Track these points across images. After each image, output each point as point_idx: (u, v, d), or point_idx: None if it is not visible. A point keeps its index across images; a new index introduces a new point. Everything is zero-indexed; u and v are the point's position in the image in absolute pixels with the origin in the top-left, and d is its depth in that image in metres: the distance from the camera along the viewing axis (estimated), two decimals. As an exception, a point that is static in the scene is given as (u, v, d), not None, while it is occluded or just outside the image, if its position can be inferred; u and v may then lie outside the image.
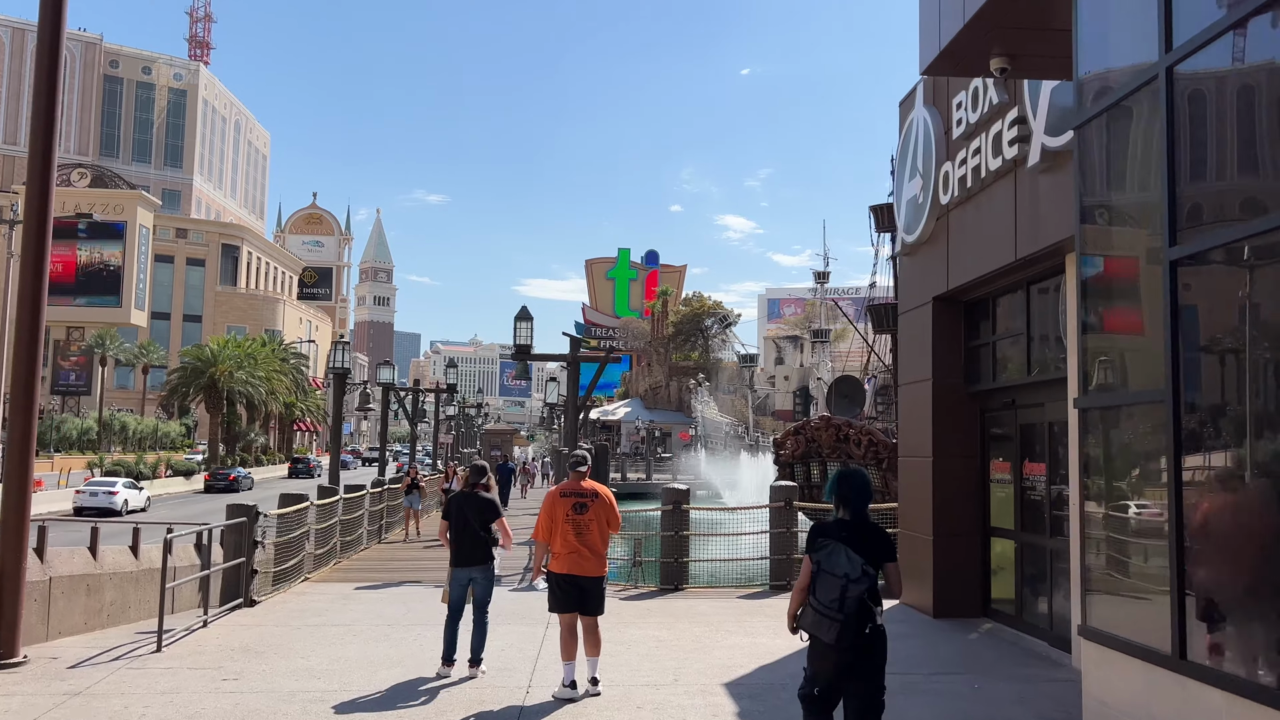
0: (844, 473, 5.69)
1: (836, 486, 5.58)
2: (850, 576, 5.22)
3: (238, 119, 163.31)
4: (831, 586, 5.22)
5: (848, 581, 5.21)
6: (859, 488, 5.55)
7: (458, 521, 9.09)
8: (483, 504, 9.10)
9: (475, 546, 9.00)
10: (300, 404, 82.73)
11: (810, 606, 5.30)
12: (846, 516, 5.51)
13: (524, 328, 17.98)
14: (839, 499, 5.55)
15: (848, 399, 40.87)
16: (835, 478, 5.65)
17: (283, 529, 14.17)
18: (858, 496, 5.52)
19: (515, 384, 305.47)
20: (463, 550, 9.06)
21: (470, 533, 8.98)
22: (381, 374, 25.56)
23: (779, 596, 13.81)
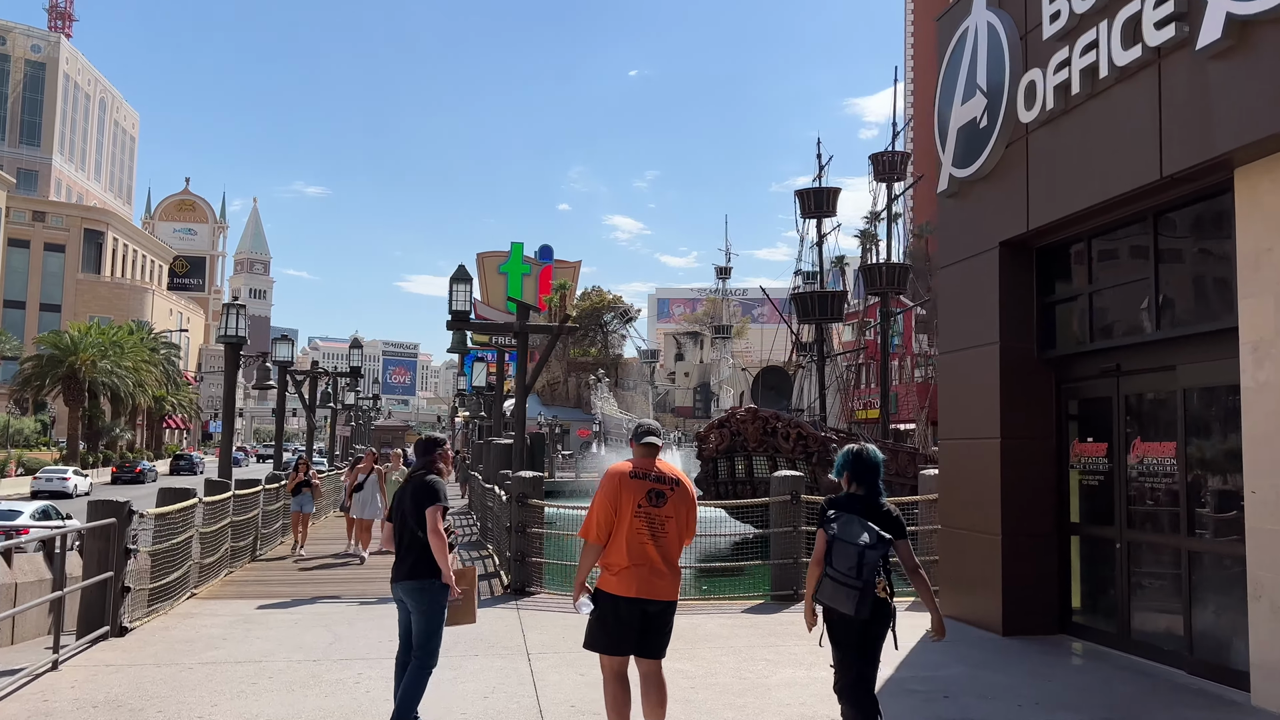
0: (855, 449, 5.66)
1: (849, 463, 5.57)
2: (867, 543, 5.24)
3: (103, 96, 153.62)
4: (849, 554, 5.23)
5: (864, 548, 5.22)
6: (870, 464, 5.55)
7: (396, 518, 6.40)
8: (419, 490, 6.32)
9: (409, 552, 6.25)
10: (172, 398, 76.70)
11: (828, 577, 5.28)
12: (859, 491, 5.52)
13: (461, 291, 14.95)
14: (850, 475, 5.56)
15: (775, 390, 39.10)
16: (846, 454, 5.63)
17: (163, 533, 11.01)
18: (869, 472, 5.54)
19: (399, 381, 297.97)
20: (397, 558, 6.36)
21: (407, 534, 6.28)
22: (279, 350, 22.02)
23: (789, 610, 11.36)
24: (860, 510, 5.40)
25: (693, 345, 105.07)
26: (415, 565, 6.19)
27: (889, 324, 44.37)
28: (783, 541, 12.18)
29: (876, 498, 5.50)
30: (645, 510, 5.55)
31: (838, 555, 5.25)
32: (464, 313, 14.79)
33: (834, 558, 5.26)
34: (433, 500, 6.20)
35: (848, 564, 5.21)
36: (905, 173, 45.67)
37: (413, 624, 6.26)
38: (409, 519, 6.25)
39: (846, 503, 5.47)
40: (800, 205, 42.65)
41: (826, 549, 5.32)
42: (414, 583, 6.18)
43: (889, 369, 44.60)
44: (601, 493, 5.64)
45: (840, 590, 5.22)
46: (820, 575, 5.33)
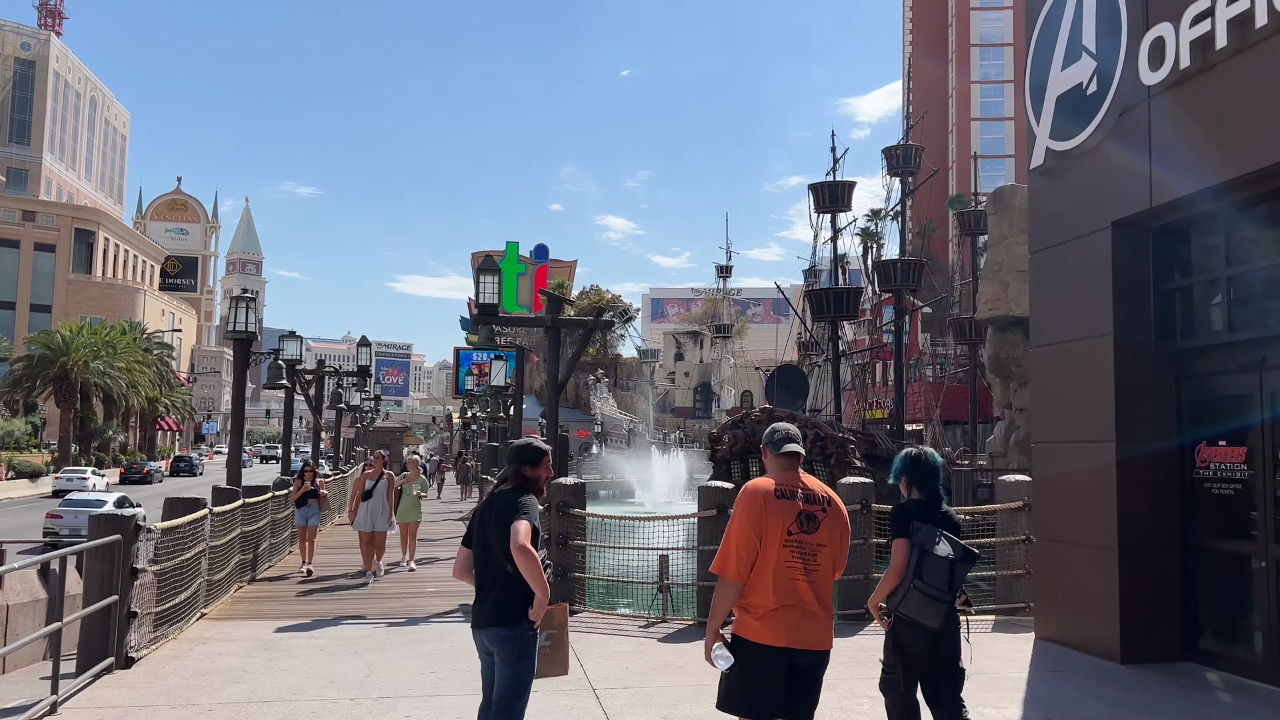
0: (913, 453, 5.49)
1: (907, 467, 5.41)
2: (955, 557, 5.13)
3: (94, 95, 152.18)
4: (941, 569, 5.10)
5: (955, 562, 5.12)
6: (929, 468, 5.39)
7: (477, 545, 5.16)
8: (507, 509, 5.02)
9: (492, 588, 5.01)
10: (165, 399, 75.30)
11: (916, 590, 5.13)
12: (922, 498, 5.36)
13: (489, 283, 13.80)
14: (910, 480, 5.41)
15: (790, 389, 37.99)
16: (905, 458, 5.45)
17: (171, 549, 9.87)
18: (929, 476, 5.38)
19: (392, 382, 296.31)
20: (478, 597, 5.11)
21: (491, 566, 5.03)
22: (286, 349, 20.68)
23: (866, 633, 10.27)
24: (934, 518, 5.27)
25: (693, 345, 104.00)
26: (502, 607, 4.96)
27: (903, 321, 43.32)
28: (852, 556, 11.07)
29: (939, 502, 5.38)
30: (796, 538, 4.43)
31: (929, 569, 5.12)
32: (491, 306, 13.62)
33: (924, 571, 5.13)
34: (525, 517, 4.94)
35: (940, 578, 5.11)
36: (917, 166, 44.63)
37: (496, 677, 5.10)
38: (493, 545, 5.01)
39: (918, 510, 5.32)
40: (814, 199, 41.59)
41: (916, 561, 5.17)
42: (502, 630, 4.94)
43: (903, 367, 43.55)
44: (741, 517, 4.48)
45: (930, 604, 5.13)
46: (899, 586, 5.23)
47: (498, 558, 4.99)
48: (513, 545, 4.83)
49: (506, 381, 23.75)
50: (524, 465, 5.21)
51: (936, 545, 5.15)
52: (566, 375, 13.93)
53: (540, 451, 5.27)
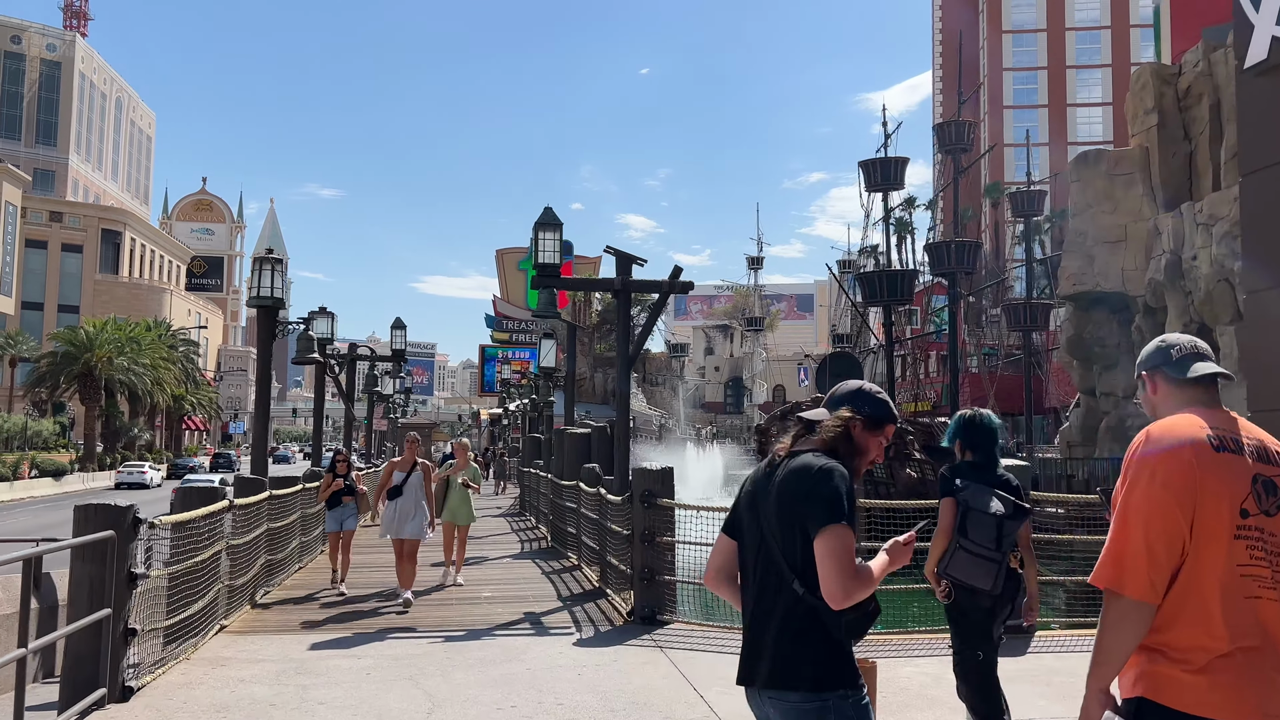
0: (968, 414, 5.34)
1: (961, 429, 5.24)
2: (1005, 514, 4.88)
3: (119, 96, 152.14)
4: (987, 525, 4.86)
5: (1003, 518, 4.87)
6: (985, 428, 5.21)
7: (749, 539, 3.03)
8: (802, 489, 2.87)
9: (770, 620, 2.91)
10: (191, 397, 74.15)
11: (963, 550, 4.84)
12: (977, 460, 5.16)
13: (549, 240, 11.93)
14: (964, 443, 5.21)
15: (842, 379, 35.85)
16: (959, 420, 5.31)
17: (185, 547, 8.11)
18: (984, 437, 5.18)
19: (417, 381, 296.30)
20: (750, 632, 2.99)
21: (773, 581, 2.92)
22: (316, 325, 18.68)
23: (1031, 656, 8.34)
24: (985, 479, 5.01)
25: (722, 339, 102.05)
26: (795, 658, 2.86)
27: (958, 306, 41.19)
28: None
29: (995, 465, 5.16)
30: (1254, 523, 2.48)
31: (974, 526, 4.87)
32: (553, 266, 11.81)
33: (970, 529, 4.87)
34: (830, 514, 2.81)
35: (987, 535, 4.84)
36: (970, 143, 42.52)
37: None
38: (772, 546, 2.95)
39: (970, 470, 5.09)
40: (864, 177, 39.60)
41: (960, 519, 4.91)
42: (800, 700, 2.85)
43: (958, 354, 41.43)
44: (1152, 485, 2.50)
45: (979, 564, 4.83)
46: (947, 547, 4.94)
47: (780, 568, 2.93)
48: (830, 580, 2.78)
49: (557, 360, 21.95)
50: (859, 417, 3.03)
51: (985, 502, 4.87)
52: (638, 349, 12.10)
53: (889, 411, 3.10)
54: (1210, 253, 20.65)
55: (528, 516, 23.70)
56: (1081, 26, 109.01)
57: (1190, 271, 21.28)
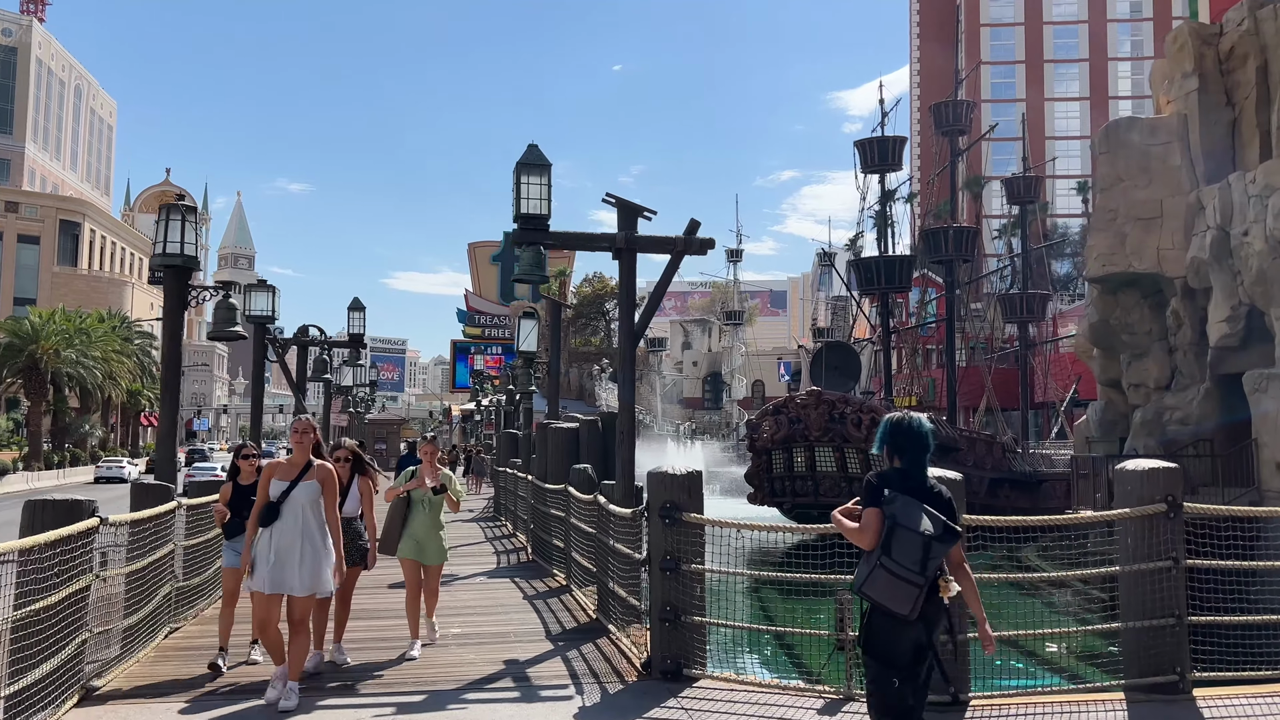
0: (895, 417, 4.78)
1: (888, 433, 4.70)
2: (933, 534, 4.36)
3: (79, 83, 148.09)
4: (913, 545, 4.34)
5: (931, 539, 4.35)
6: (913, 433, 4.65)
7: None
8: None
9: None
10: (148, 392, 70.87)
11: (882, 569, 4.36)
12: (903, 467, 4.63)
13: (535, 185, 9.37)
14: (891, 448, 4.67)
15: (839, 370, 33.71)
16: (886, 424, 4.75)
17: (38, 581, 5.66)
18: (912, 443, 4.62)
19: (387, 378, 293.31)
20: None
21: None
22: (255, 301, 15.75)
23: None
24: (913, 490, 4.49)
25: (701, 333, 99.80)
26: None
27: (955, 295, 39.13)
28: (1149, 587, 6.83)
29: (923, 474, 4.62)
30: None
31: (899, 545, 4.35)
32: (539, 218, 9.36)
33: (894, 548, 4.36)
34: None
35: (911, 556, 4.33)
36: (969, 124, 40.51)
37: None
38: None
39: (898, 480, 4.55)
40: (860, 158, 37.39)
41: (885, 536, 4.39)
42: None
43: (954, 347, 39.36)
44: None
45: (898, 587, 4.32)
46: (865, 565, 4.45)
47: None
48: None
49: (540, 341, 19.40)
50: None
51: (915, 519, 4.36)
52: (645, 320, 9.72)
53: None
54: (1265, 227, 18.54)
55: (503, 521, 21.24)
56: (1059, 21, 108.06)
57: (1240, 249, 19.17)
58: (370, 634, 9.09)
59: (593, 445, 14.59)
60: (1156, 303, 22.65)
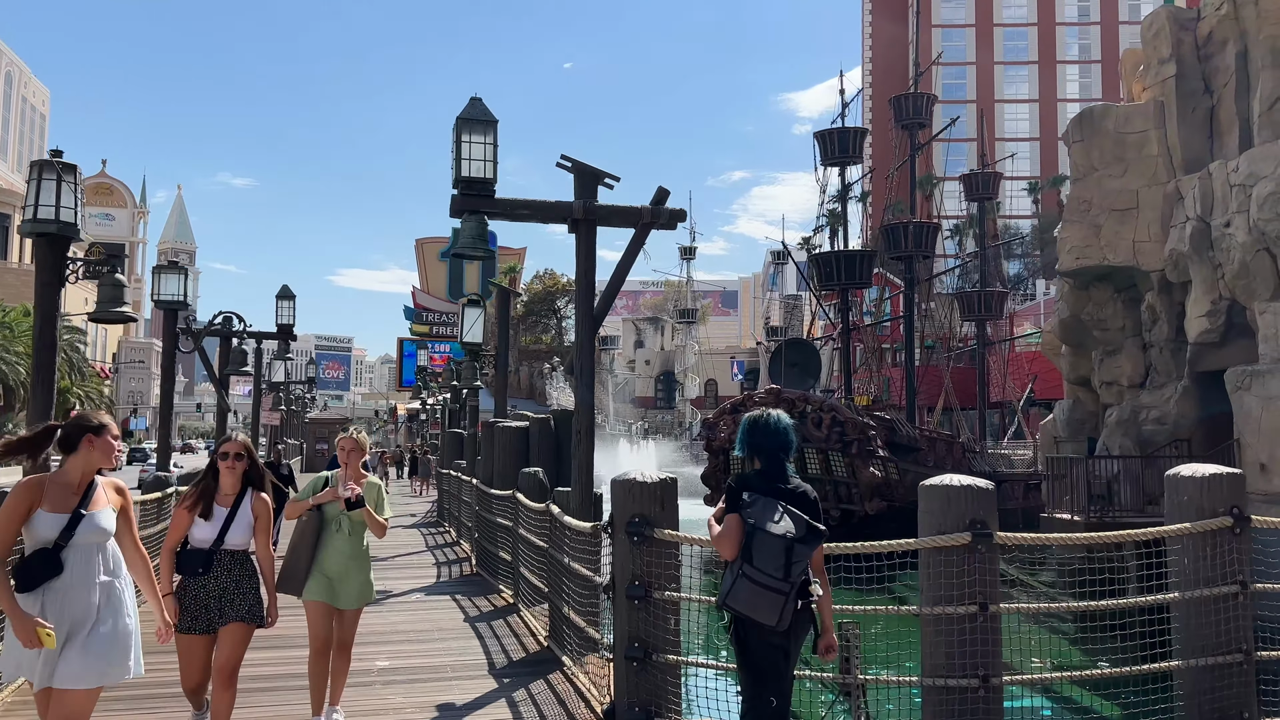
0: (753, 415, 4.58)
1: (745, 433, 4.52)
2: (795, 535, 4.11)
3: (9, 70, 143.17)
4: (774, 550, 4.09)
5: (793, 541, 4.10)
6: (771, 431, 4.44)
7: None
8: None
9: None
10: (77, 389, 67.94)
11: (744, 578, 4.09)
12: (763, 467, 4.41)
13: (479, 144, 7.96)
14: (750, 449, 4.49)
15: (799, 368, 32.69)
16: (745, 424, 4.56)
17: None
18: (773, 443, 4.41)
19: (332, 376, 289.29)
20: None
21: None
22: (165, 284, 13.99)
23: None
24: (775, 492, 4.26)
25: (653, 332, 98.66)
26: None
27: (914, 291, 38.33)
28: (1211, 618, 5.68)
29: (784, 475, 4.38)
30: None
31: (760, 551, 4.10)
32: (483, 182, 8.02)
33: (754, 554, 4.10)
34: None
35: (774, 561, 4.08)
36: (930, 118, 39.76)
37: None
38: None
39: (759, 481, 4.32)
40: (820, 149, 36.39)
41: (746, 542, 4.14)
42: None
43: (913, 344, 38.57)
44: None
45: (763, 596, 4.07)
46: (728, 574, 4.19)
47: None
48: None
49: (490, 332, 17.92)
50: None
51: (772, 521, 4.09)
52: (606, 302, 8.42)
53: None
54: (1249, 218, 17.74)
55: (447, 528, 19.80)
56: (1010, 24, 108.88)
57: (1221, 240, 18.37)
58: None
59: (545, 446, 13.25)
60: (1131, 297, 21.86)
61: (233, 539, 5.39)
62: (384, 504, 6.33)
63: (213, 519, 5.38)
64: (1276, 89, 18.47)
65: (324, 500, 6.17)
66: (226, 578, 5.36)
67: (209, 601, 5.32)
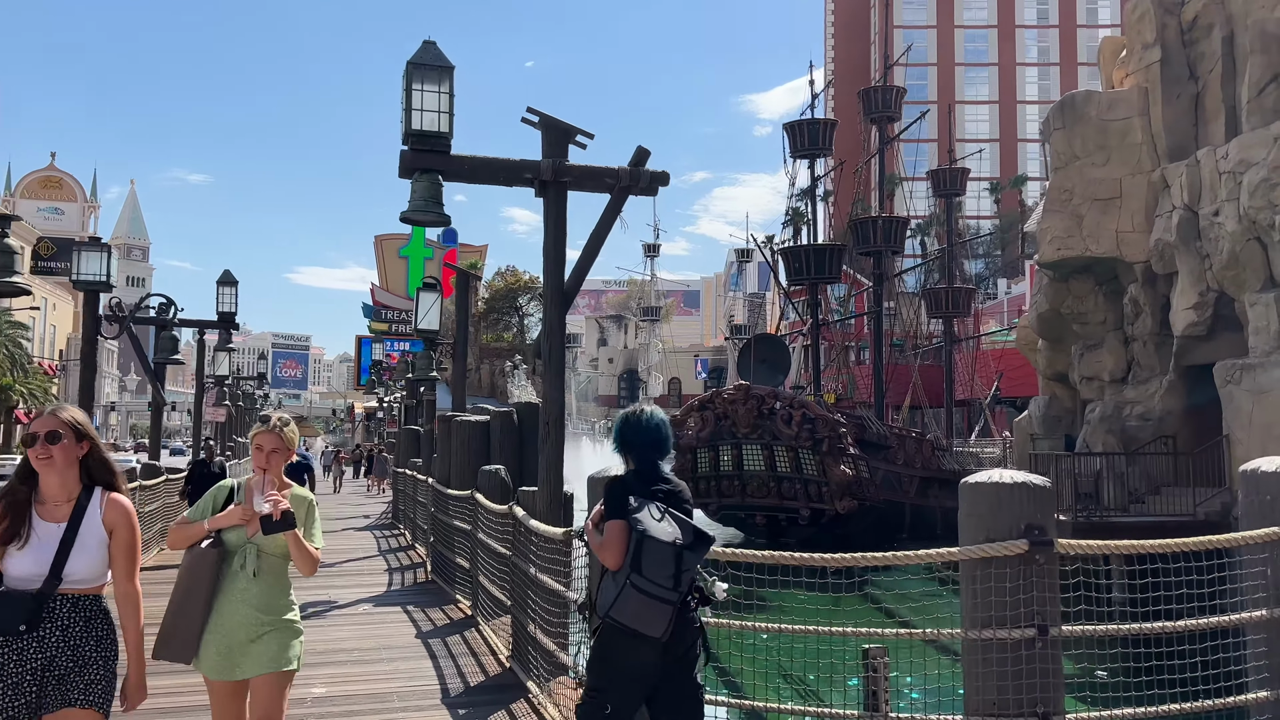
0: (626, 412, 4.29)
1: (618, 431, 4.23)
2: (684, 543, 3.79)
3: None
4: (663, 557, 3.75)
5: (682, 549, 3.79)
6: (644, 429, 4.13)
7: None
8: None
9: None
10: (20, 386, 65.58)
11: (632, 587, 3.74)
12: (640, 469, 4.08)
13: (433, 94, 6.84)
14: (621, 448, 4.20)
15: (768, 364, 31.81)
16: (618, 421, 4.29)
17: None
18: (643, 442, 4.10)
19: (290, 375, 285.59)
20: None
21: None
22: (85, 262, 12.61)
23: None
24: (652, 494, 3.94)
25: (616, 330, 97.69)
26: None
27: (883, 287, 37.71)
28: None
29: (658, 474, 4.07)
30: None
31: (649, 559, 3.75)
32: (437, 136, 6.99)
33: (644, 561, 3.76)
34: None
35: (663, 570, 3.75)
36: (899, 110, 39.15)
37: None
38: None
39: (638, 484, 3.98)
40: (790, 141, 35.63)
41: (634, 550, 3.78)
42: None
43: (882, 341, 37.93)
44: None
45: (651, 606, 3.73)
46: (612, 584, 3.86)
47: None
48: None
49: (443, 320, 16.79)
50: None
51: (660, 527, 3.77)
52: (578, 276, 7.39)
53: None
54: (1239, 206, 17.12)
55: (402, 530, 18.68)
56: (970, 25, 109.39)
57: (1210, 230, 17.74)
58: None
59: (507, 443, 12.21)
60: (1112, 290, 21.23)
61: (75, 572, 3.47)
62: (316, 526, 4.40)
63: (32, 544, 3.42)
64: (1266, 74, 17.88)
65: (227, 523, 4.18)
66: (60, 639, 3.40)
67: (26, 677, 3.34)
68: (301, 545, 4.18)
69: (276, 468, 4.34)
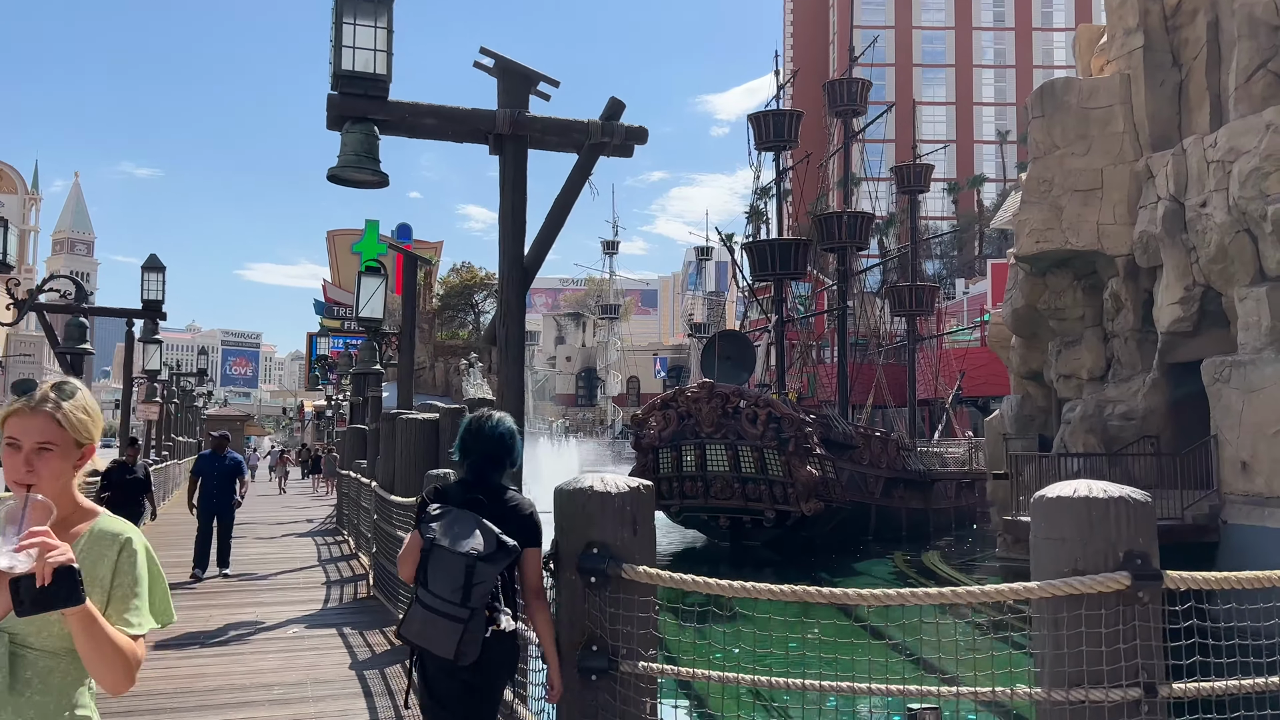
0: (470, 417, 3.92)
1: (460, 437, 3.85)
2: (480, 553, 3.40)
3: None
4: (452, 569, 3.39)
5: (476, 560, 3.38)
6: (483, 436, 3.78)
7: None
8: None
9: None
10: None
11: (418, 603, 3.46)
12: (468, 477, 3.74)
13: (366, 29, 5.62)
14: (460, 452, 3.82)
15: (733, 361, 30.86)
16: (464, 423, 3.91)
17: None
18: (479, 448, 3.76)
19: (240, 373, 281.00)
20: None
21: None
22: None
23: None
24: (473, 503, 3.60)
25: (574, 327, 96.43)
26: None
27: (849, 284, 36.95)
28: None
29: (489, 484, 3.71)
30: None
31: (435, 571, 3.43)
32: (373, 80, 5.84)
33: (430, 575, 3.44)
34: None
35: (450, 583, 3.39)
36: (864, 103, 38.45)
37: None
38: None
39: (457, 492, 3.71)
40: (754, 133, 34.70)
41: (422, 561, 3.50)
42: None
43: (846, 338, 37.17)
44: None
45: (435, 623, 3.38)
46: None
47: None
48: None
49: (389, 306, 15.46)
50: None
51: (455, 536, 3.42)
52: (539, 255, 6.27)
53: None
54: (1228, 196, 16.40)
55: (345, 537, 17.39)
56: (928, 26, 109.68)
57: (1197, 222, 17.01)
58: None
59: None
60: (1092, 284, 20.50)
61: None
62: (140, 589, 2.27)
63: None
64: (1254, 60, 17.21)
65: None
66: None
67: None
68: (100, 633, 2.10)
69: (50, 480, 2.23)
